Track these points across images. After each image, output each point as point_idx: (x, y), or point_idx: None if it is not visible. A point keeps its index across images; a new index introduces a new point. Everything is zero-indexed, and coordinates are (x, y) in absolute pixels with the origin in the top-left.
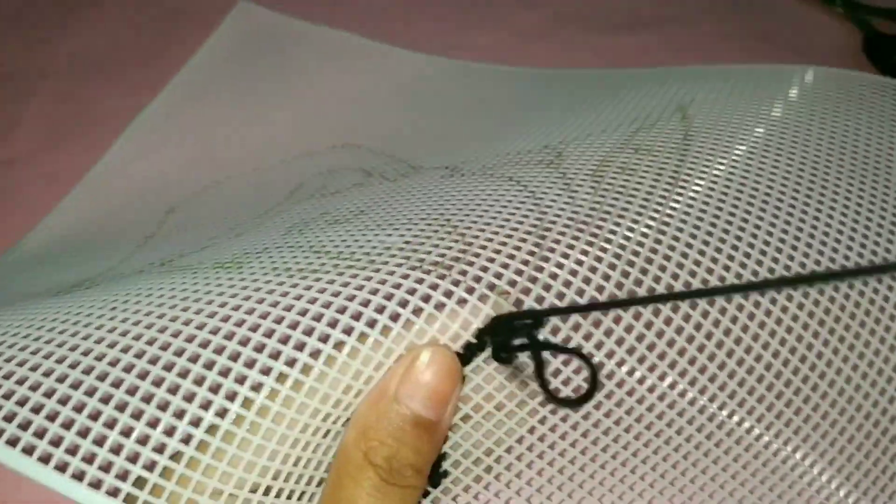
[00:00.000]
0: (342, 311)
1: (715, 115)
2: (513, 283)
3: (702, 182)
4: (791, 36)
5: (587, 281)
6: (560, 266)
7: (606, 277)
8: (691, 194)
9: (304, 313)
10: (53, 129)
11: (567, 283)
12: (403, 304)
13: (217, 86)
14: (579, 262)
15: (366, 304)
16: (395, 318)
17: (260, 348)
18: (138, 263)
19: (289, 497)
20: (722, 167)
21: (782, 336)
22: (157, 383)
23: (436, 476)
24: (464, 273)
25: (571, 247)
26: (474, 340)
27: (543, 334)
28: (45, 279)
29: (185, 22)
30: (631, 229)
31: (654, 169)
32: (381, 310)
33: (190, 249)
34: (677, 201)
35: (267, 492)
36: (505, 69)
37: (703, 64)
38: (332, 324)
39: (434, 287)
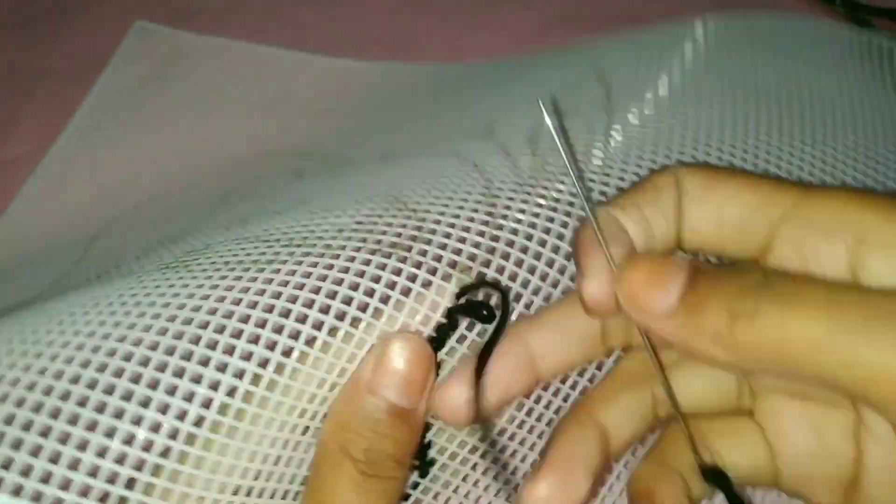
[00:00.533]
0: (309, 304)
1: (630, 73)
2: (472, 257)
3: (630, 132)
4: None
5: (542, 243)
6: (515, 232)
7: (560, 237)
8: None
9: (269, 310)
10: (53, 129)
11: (524, 249)
12: (370, 293)
13: (127, 109)
14: (532, 225)
15: (332, 295)
16: (363, 308)
17: (230, 350)
18: (71, 283)
19: (272, 497)
20: (642, 117)
21: None
22: (127, 397)
23: (423, 465)
24: (423, 253)
25: (522, 210)
26: (445, 321)
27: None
28: None
29: (184, 21)
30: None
31: (586, 128)
32: (348, 301)
33: (125, 261)
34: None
35: (249, 493)
36: (418, 67)
37: None
38: (301, 319)
39: (398, 272)
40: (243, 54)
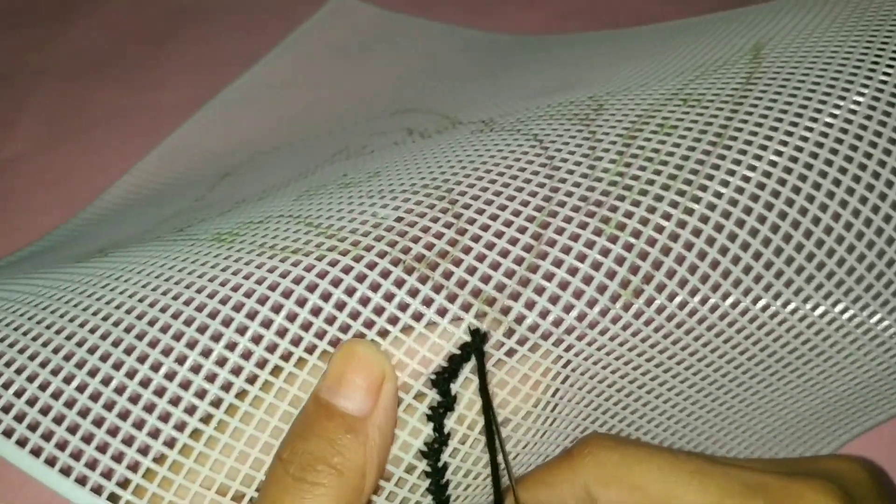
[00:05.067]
0: (316, 312)
1: (793, 51)
2: (501, 288)
3: (749, 146)
4: None
5: (588, 280)
6: (558, 264)
7: (611, 275)
8: (732, 164)
9: (277, 310)
10: (53, 128)
11: (564, 285)
12: (379, 311)
13: (295, 72)
14: (581, 258)
15: (341, 307)
16: (369, 325)
17: (231, 346)
18: (164, 228)
19: None
20: (780, 123)
21: None
22: (145, 384)
23: (437, 490)
24: (448, 276)
25: (576, 237)
26: (458, 352)
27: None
28: (96, 240)
29: (185, 21)
30: (651, 209)
31: (698, 126)
32: (355, 316)
33: (212, 213)
34: (714, 170)
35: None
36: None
37: None
38: (306, 327)
39: (414, 293)
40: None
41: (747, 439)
